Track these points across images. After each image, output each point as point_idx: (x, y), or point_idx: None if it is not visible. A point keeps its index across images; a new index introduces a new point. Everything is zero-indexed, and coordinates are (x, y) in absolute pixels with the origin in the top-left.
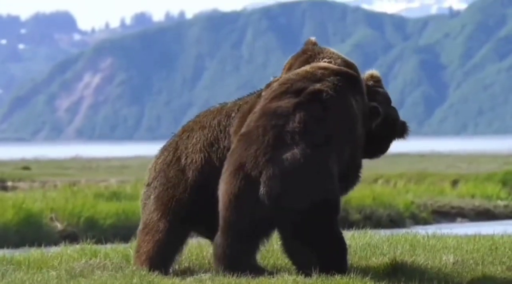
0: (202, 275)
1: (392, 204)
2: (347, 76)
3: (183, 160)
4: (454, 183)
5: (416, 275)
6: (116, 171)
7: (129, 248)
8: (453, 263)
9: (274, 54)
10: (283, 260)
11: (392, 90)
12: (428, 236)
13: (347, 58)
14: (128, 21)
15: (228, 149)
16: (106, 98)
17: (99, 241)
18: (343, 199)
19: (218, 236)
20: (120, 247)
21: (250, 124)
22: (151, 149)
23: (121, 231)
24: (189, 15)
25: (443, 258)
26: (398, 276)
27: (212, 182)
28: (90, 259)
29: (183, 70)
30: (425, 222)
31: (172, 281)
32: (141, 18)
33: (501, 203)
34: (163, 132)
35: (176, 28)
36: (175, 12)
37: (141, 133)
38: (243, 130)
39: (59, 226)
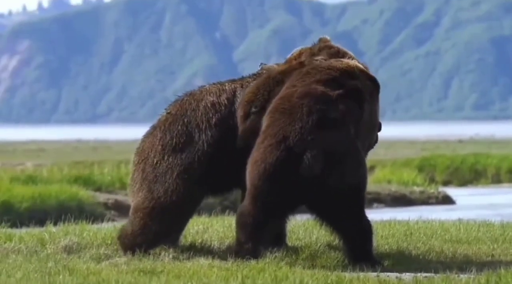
0: (117, 259)
1: None
2: (377, 85)
3: (196, 137)
4: (371, 168)
5: (332, 260)
6: (32, 154)
7: (44, 232)
8: None
9: (193, 38)
10: (199, 245)
11: None
12: None
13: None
14: (45, 4)
15: (237, 126)
16: (23, 81)
17: (14, 225)
18: None
19: (245, 205)
20: (35, 231)
21: (292, 100)
22: (69, 132)
23: (37, 215)
24: None
25: None
26: (314, 262)
27: (227, 158)
28: (5, 243)
29: (101, 54)
30: None
31: (87, 265)
32: (59, 2)
33: (417, 189)
34: (81, 116)
35: (94, 11)
36: None
37: (58, 117)
38: (283, 104)
39: None
